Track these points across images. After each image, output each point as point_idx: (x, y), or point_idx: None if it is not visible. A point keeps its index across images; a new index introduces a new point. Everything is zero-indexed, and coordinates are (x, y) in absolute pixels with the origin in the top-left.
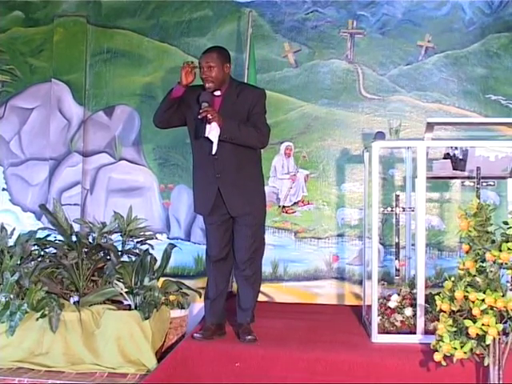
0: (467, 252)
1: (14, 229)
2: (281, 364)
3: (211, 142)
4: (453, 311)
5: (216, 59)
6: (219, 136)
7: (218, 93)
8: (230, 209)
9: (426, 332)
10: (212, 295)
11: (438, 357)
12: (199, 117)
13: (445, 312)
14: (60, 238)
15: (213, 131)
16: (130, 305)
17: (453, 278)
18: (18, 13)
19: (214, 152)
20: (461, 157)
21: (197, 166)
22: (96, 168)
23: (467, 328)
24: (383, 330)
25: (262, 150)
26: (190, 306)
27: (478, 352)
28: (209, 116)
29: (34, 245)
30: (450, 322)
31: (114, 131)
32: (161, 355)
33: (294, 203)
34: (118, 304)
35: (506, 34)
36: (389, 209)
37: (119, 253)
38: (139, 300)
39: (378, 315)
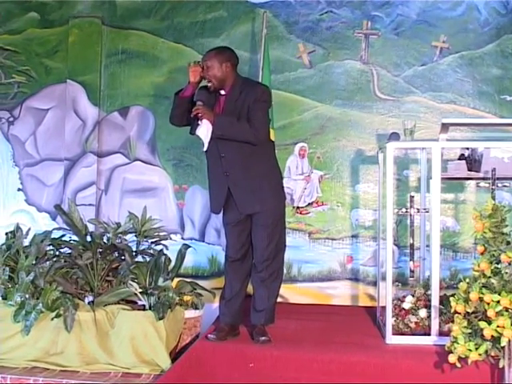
0: (482, 253)
1: (29, 229)
2: (295, 365)
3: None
4: (467, 313)
5: (213, 58)
6: (212, 133)
7: (223, 92)
8: (240, 207)
9: (441, 333)
10: (227, 295)
11: (452, 358)
12: (191, 115)
13: (459, 313)
14: (75, 238)
15: (202, 128)
16: (144, 305)
17: (467, 280)
18: (34, 14)
19: (204, 149)
20: (476, 158)
21: (208, 164)
22: (111, 168)
23: (482, 330)
24: (397, 332)
25: (275, 149)
26: (204, 306)
27: (493, 354)
28: (199, 113)
29: (49, 245)
30: (465, 323)
31: (129, 132)
32: (175, 355)
33: (308, 204)
34: (132, 304)
35: None
36: (403, 210)
37: (134, 253)
38: (153, 300)
39: (393, 316)
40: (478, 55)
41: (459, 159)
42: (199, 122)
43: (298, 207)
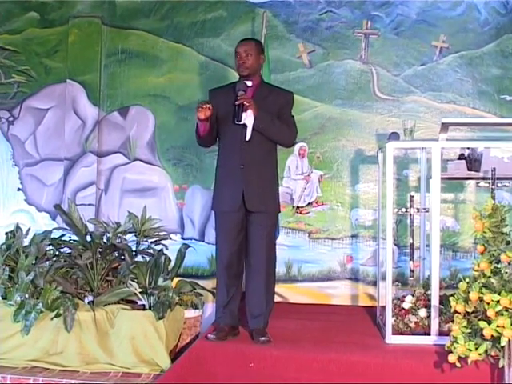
0: (482, 253)
1: (29, 229)
2: (295, 365)
3: (245, 128)
4: (467, 312)
5: (254, 47)
6: (253, 124)
7: (249, 83)
8: (247, 201)
9: (441, 333)
10: (224, 301)
11: (452, 358)
12: (236, 103)
13: (459, 313)
14: (75, 237)
15: (249, 118)
16: (144, 305)
17: (467, 279)
18: (34, 14)
19: (248, 138)
20: (476, 157)
21: (223, 156)
22: (110, 168)
23: (482, 329)
24: (397, 331)
25: (277, 153)
26: (204, 306)
27: (492, 353)
28: (246, 103)
29: (49, 245)
30: (465, 323)
31: (129, 131)
32: (175, 355)
33: (308, 204)
34: (132, 304)
35: None
36: (403, 209)
37: (133, 253)
38: (153, 300)
39: (392, 316)
40: (477, 55)
41: (459, 159)
42: (243, 112)
43: (297, 207)
